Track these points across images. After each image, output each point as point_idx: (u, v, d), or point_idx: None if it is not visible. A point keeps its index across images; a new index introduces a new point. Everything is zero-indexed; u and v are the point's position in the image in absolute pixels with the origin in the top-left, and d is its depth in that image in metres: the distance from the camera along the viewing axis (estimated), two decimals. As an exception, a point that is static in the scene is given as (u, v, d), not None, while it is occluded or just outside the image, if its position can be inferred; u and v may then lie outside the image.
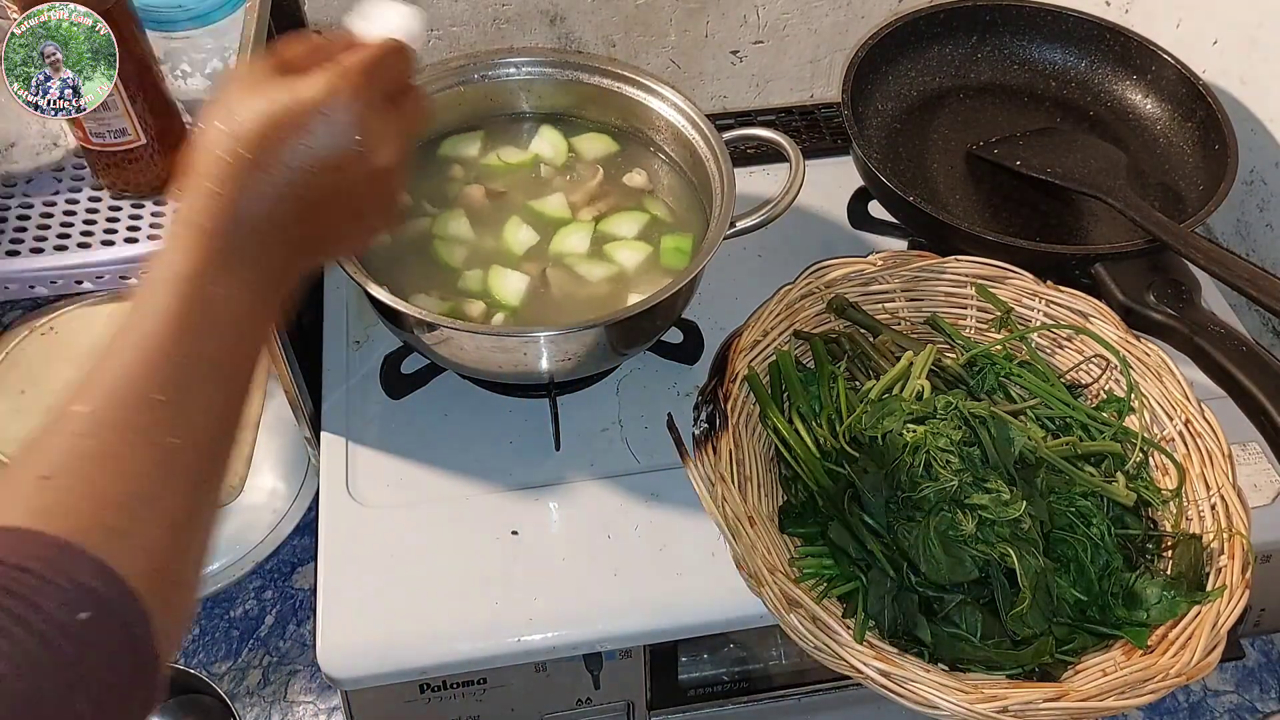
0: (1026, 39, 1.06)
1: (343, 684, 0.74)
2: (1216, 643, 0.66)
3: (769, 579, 0.67)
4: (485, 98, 0.92)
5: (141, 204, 0.99)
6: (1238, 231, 1.05)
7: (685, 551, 0.78)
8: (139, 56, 0.90)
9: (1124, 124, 1.02)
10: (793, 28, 1.17)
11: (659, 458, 0.84)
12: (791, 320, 0.83)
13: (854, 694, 0.87)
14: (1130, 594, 0.70)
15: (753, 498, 0.73)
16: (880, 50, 1.00)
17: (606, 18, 1.12)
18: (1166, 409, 0.79)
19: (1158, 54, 1.00)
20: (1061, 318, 0.84)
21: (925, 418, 0.74)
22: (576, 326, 0.75)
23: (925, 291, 0.87)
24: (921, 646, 0.67)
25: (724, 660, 0.84)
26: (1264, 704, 1.05)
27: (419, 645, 0.74)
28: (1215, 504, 0.73)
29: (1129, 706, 0.65)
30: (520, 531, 0.80)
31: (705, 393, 0.77)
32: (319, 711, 1.04)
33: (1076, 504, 0.74)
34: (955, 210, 0.95)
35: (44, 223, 0.97)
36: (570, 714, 0.83)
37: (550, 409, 0.84)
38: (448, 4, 1.07)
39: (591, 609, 0.76)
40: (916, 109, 1.04)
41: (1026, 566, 0.67)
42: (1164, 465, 0.78)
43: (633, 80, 0.90)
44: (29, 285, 0.95)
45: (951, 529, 0.68)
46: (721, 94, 1.23)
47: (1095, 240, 0.93)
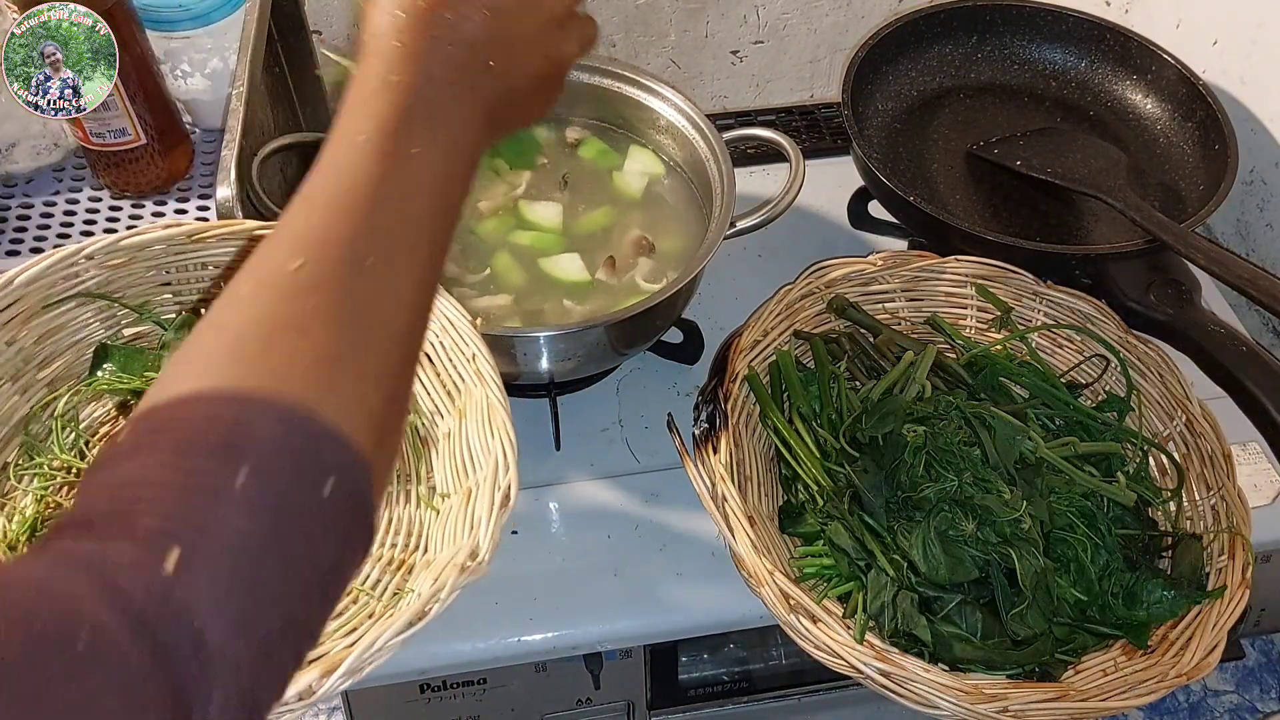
0: (1026, 39, 1.06)
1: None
2: (1216, 643, 0.66)
3: (769, 579, 0.67)
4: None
5: (141, 204, 0.99)
6: (1238, 231, 1.05)
7: (685, 551, 0.78)
8: (139, 56, 0.90)
9: (1124, 124, 1.02)
10: (793, 28, 1.17)
11: (659, 458, 0.84)
12: (791, 320, 0.83)
13: (854, 694, 0.87)
14: (1130, 594, 0.70)
15: (753, 498, 0.73)
16: (880, 50, 1.00)
17: (606, 18, 1.12)
18: (1166, 409, 0.79)
19: (1158, 54, 1.00)
20: (1061, 318, 0.84)
21: (926, 418, 0.74)
22: (576, 326, 0.75)
23: (925, 291, 0.87)
24: (921, 646, 0.67)
25: (724, 660, 0.84)
26: (1264, 704, 1.05)
27: (419, 645, 0.74)
28: (1215, 504, 0.73)
29: (1129, 706, 0.65)
30: (520, 531, 0.80)
31: (705, 393, 0.77)
32: (319, 711, 1.04)
33: (1076, 504, 0.74)
34: (955, 210, 0.95)
35: (44, 223, 0.97)
36: (570, 714, 0.83)
37: (550, 409, 0.84)
38: (448, 4, 1.07)
39: (591, 609, 0.76)
40: (916, 109, 1.04)
41: (1026, 566, 0.67)
42: (1164, 465, 0.78)
43: (633, 80, 0.90)
44: (29, 285, 0.95)
45: (951, 529, 0.68)
46: (721, 94, 1.23)
47: (1095, 240, 0.93)
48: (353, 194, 0.43)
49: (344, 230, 0.42)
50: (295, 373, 0.38)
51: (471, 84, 0.49)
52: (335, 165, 0.44)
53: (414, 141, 0.45)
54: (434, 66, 0.47)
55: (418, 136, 0.45)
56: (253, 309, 0.40)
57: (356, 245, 0.42)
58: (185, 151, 1.00)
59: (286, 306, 0.40)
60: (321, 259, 0.41)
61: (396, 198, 0.44)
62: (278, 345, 0.39)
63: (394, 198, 0.44)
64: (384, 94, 0.46)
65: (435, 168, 0.46)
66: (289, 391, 0.37)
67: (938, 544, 0.68)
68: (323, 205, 0.43)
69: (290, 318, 0.40)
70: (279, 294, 0.40)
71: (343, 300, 0.41)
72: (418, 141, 0.45)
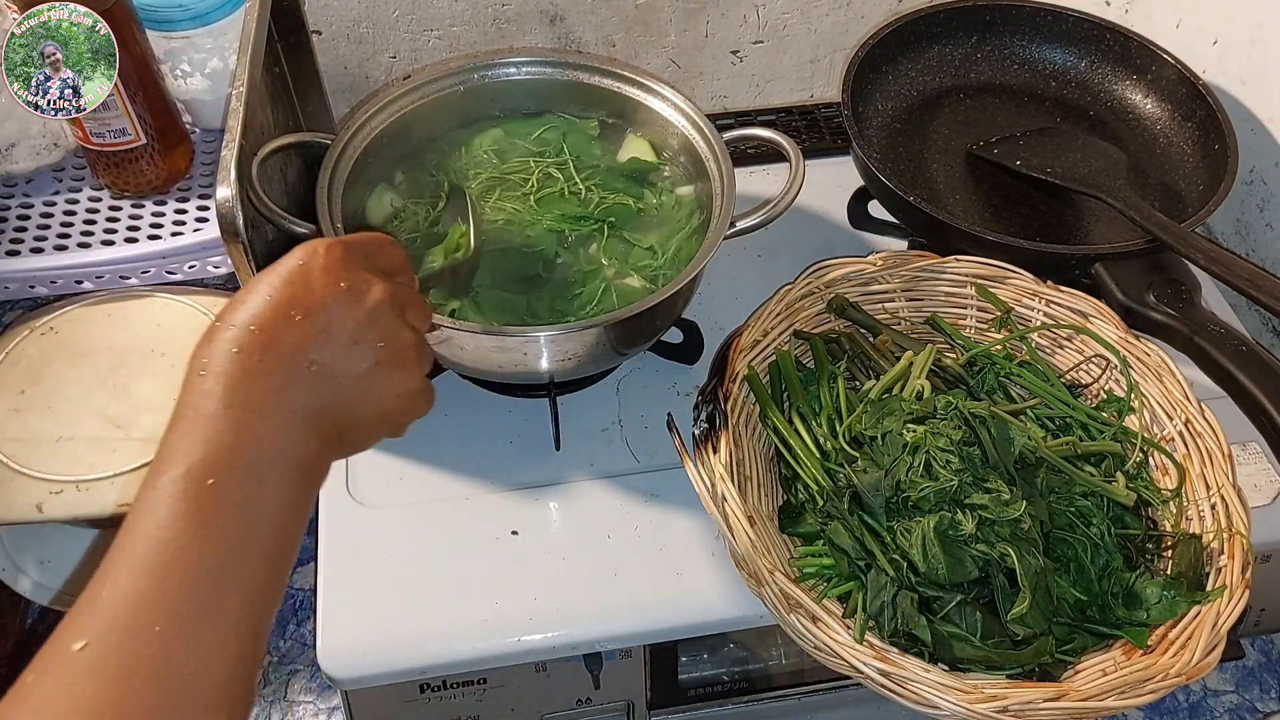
0: (1026, 39, 1.06)
1: (343, 684, 0.74)
2: (1216, 643, 0.66)
3: (769, 579, 0.67)
4: (485, 98, 0.92)
5: (141, 204, 0.99)
6: (1238, 231, 1.05)
7: (685, 551, 0.78)
8: (139, 56, 0.90)
9: (1124, 124, 1.02)
10: (793, 28, 1.17)
11: (659, 458, 0.84)
12: (791, 320, 0.83)
13: (854, 694, 0.87)
14: (1130, 594, 0.70)
15: (753, 498, 0.73)
16: (880, 50, 1.00)
17: (606, 18, 1.12)
18: (1166, 409, 0.79)
19: (1158, 54, 1.00)
20: (1061, 318, 0.84)
21: (925, 418, 0.74)
22: (576, 326, 0.75)
23: (925, 291, 0.87)
24: (921, 646, 0.67)
25: (724, 660, 0.84)
26: (1264, 704, 1.05)
27: (419, 645, 0.74)
28: (1215, 504, 0.73)
29: (1129, 706, 0.64)
30: (520, 531, 0.80)
31: (705, 393, 0.77)
32: (319, 711, 1.04)
33: (1076, 504, 0.74)
34: (955, 210, 0.95)
35: (44, 223, 0.97)
36: (570, 714, 0.83)
37: (550, 409, 0.84)
38: (448, 4, 1.07)
39: (591, 609, 0.76)
40: (916, 109, 1.04)
41: (1026, 566, 0.67)
42: (1164, 465, 0.78)
43: (633, 80, 0.90)
44: (29, 285, 0.95)
45: (951, 529, 0.68)
46: (721, 94, 1.23)
47: (1095, 240, 0.93)
48: (148, 551, 0.40)
49: (131, 596, 0.39)
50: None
51: (313, 422, 0.45)
52: (141, 511, 0.41)
53: (221, 477, 0.41)
54: (274, 398, 0.44)
55: (226, 474, 0.42)
56: (36, 700, 0.37)
57: (140, 614, 0.38)
58: (185, 151, 1.00)
59: (64, 697, 0.37)
60: (108, 631, 0.38)
61: (195, 547, 0.40)
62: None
63: (192, 547, 0.40)
64: (198, 428, 0.43)
65: (251, 505, 0.42)
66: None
67: (938, 544, 0.67)
68: (120, 565, 0.40)
69: (71, 707, 0.37)
70: (61, 682, 0.37)
71: (124, 680, 0.37)
72: (224, 477, 0.42)
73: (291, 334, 0.45)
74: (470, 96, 0.92)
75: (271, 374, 0.44)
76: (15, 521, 0.86)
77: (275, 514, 0.43)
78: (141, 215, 0.98)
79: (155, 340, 0.96)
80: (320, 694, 1.05)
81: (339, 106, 1.08)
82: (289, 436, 0.44)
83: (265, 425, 0.43)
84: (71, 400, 0.91)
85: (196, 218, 0.98)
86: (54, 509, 0.86)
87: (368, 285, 0.48)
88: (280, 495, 0.43)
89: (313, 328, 0.46)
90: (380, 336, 0.48)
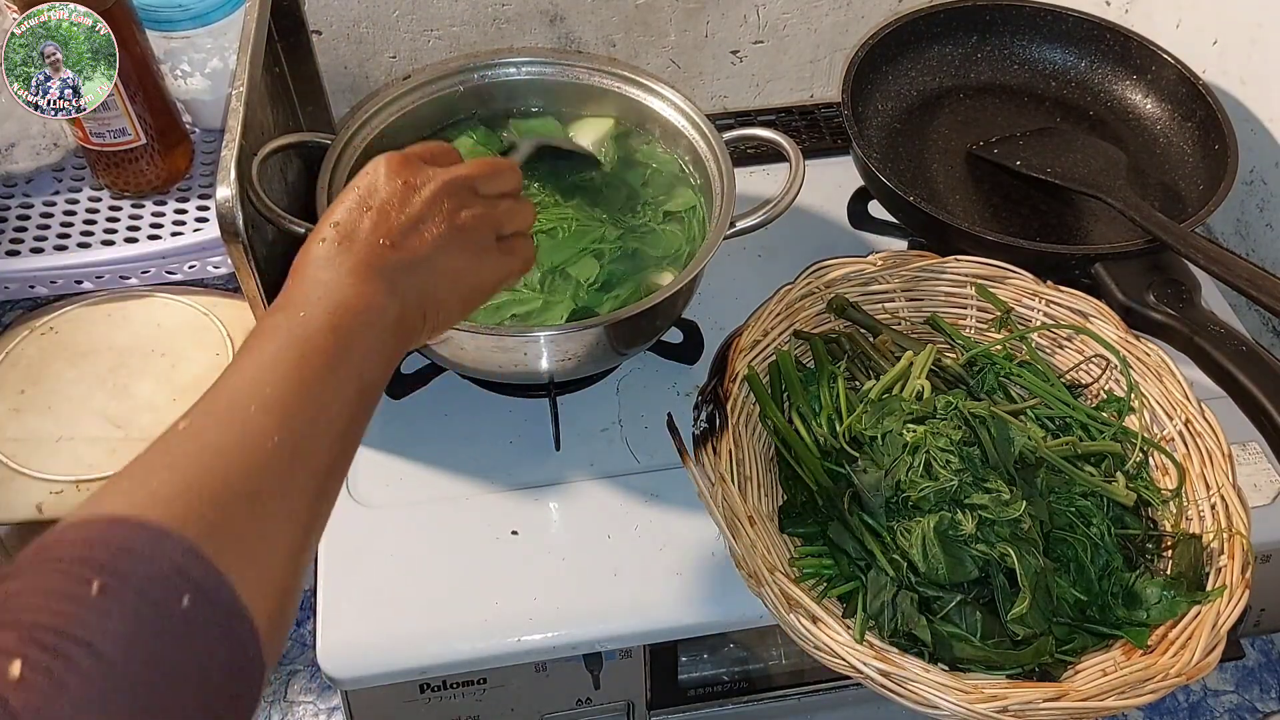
0: (1026, 39, 1.06)
1: (343, 684, 0.74)
2: (1216, 643, 0.66)
3: (769, 579, 0.67)
4: (485, 98, 0.92)
5: (141, 204, 0.99)
6: (1238, 231, 1.05)
7: (685, 551, 0.78)
8: (139, 56, 0.90)
9: (1124, 124, 1.02)
10: (793, 28, 1.17)
11: (659, 458, 0.84)
12: (791, 320, 0.83)
13: (854, 694, 0.87)
14: (1130, 594, 0.70)
15: (753, 498, 0.73)
16: (880, 50, 1.00)
17: (606, 18, 1.12)
18: (1166, 409, 0.79)
19: (1158, 54, 1.00)
20: (1061, 318, 0.84)
21: (925, 418, 0.74)
22: (576, 326, 0.75)
23: (925, 291, 0.87)
24: (921, 646, 0.67)
25: (724, 660, 0.84)
26: (1264, 704, 1.05)
27: (419, 645, 0.74)
28: (1215, 504, 0.73)
29: (1129, 706, 0.64)
30: (520, 531, 0.80)
31: (705, 393, 0.77)
32: (319, 711, 1.04)
33: (1076, 504, 0.74)
34: (955, 210, 0.95)
35: (44, 223, 0.97)
36: (570, 714, 0.83)
37: (550, 409, 0.84)
38: (448, 4, 1.07)
39: (591, 609, 0.76)
40: (916, 109, 1.04)
41: (1026, 566, 0.67)
42: (1164, 465, 0.78)
43: (633, 80, 0.90)
44: (29, 285, 0.95)
45: (951, 529, 0.68)
46: (721, 94, 1.23)
47: (1095, 240, 0.93)
48: (278, 374, 0.48)
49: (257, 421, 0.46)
50: (162, 501, 0.40)
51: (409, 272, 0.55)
52: (269, 338, 0.49)
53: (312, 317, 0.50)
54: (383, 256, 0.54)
55: (321, 316, 0.50)
56: (150, 453, 0.43)
57: (269, 424, 0.46)
58: (185, 151, 1.00)
59: (181, 453, 0.44)
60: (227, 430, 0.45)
61: (325, 377, 0.49)
62: (159, 477, 0.42)
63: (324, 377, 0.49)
64: (289, 293, 0.52)
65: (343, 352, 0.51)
66: (164, 517, 0.39)
67: (938, 544, 0.67)
68: (245, 379, 0.48)
69: (179, 456, 0.43)
70: (221, 424, 0.45)
71: (235, 443, 0.44)
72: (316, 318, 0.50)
73: (365, 223, 0.55)
74: (470, 96, 0.92)
75: (352, 251, 0.53)
76: (15, 521, 0.86)
77: (363, 361, 0.51)
78: (141, 215, 0.98)
79: (155, 340, 0.96)
80: (320, 694, 1.05)
81: (339, 106, 1.08)
82: (375, 295, 0.52)
83: (351, 284, 0.52)
84: (71, 400, 0.91)
85: (196, 218, 0.98)
86: (54, 509, 0.86)
87: (426, 178, 0.58)
88: (368, 345, 0.52)
89: (381, 217, 0.55)
90: (443, 218, 0.57)
